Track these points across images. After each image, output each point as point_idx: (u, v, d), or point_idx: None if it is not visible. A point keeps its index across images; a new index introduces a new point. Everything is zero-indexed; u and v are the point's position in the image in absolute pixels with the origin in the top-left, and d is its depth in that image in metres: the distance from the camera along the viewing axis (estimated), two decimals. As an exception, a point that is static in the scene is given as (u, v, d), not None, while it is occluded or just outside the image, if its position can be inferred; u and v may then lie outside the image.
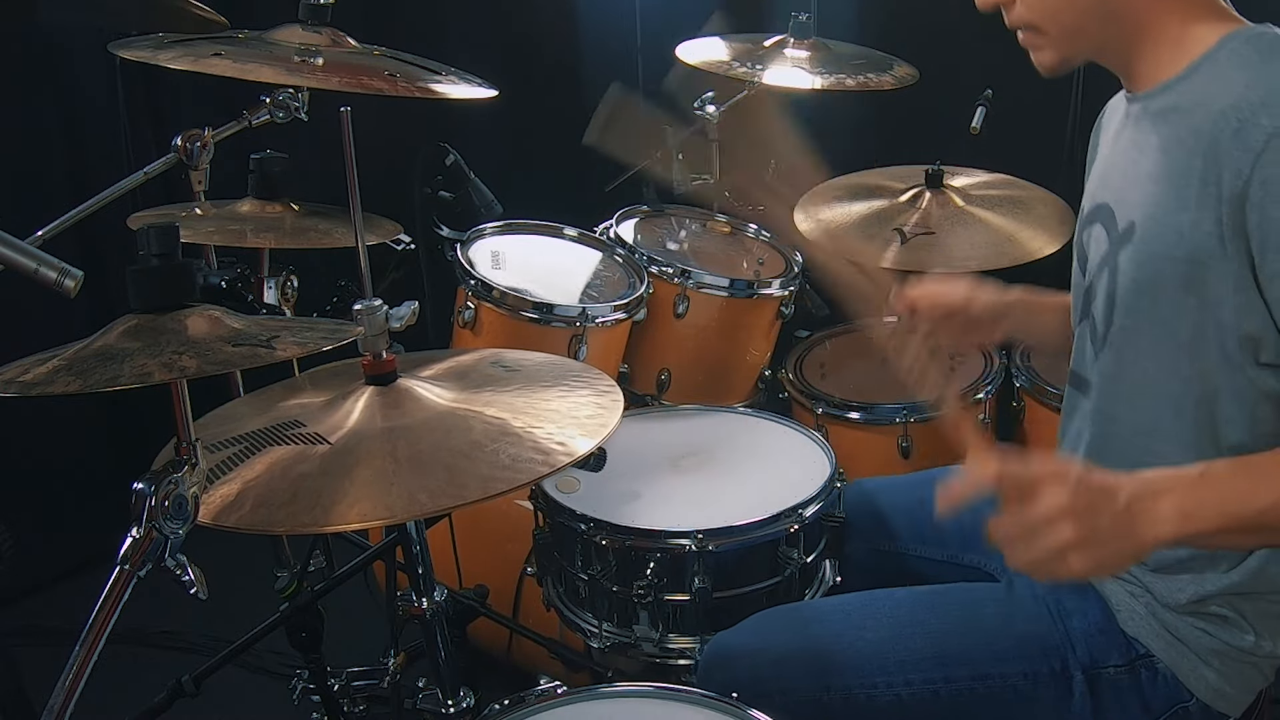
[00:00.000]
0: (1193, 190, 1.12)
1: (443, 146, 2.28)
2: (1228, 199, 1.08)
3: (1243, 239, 1.09)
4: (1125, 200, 1.24)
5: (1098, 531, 1.02)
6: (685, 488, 1.66)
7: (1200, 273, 1.13)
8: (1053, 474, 1.03)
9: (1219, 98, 1.11)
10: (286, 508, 1.04)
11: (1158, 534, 1.04)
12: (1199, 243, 1.12)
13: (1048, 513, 1.01)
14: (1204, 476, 1.06)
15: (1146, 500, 1.04)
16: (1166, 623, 1.26)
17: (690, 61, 2.46)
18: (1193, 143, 1.13)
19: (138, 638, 2.36)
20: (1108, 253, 1.26)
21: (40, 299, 1.12)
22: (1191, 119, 1.14)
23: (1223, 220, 1.09)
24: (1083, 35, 1.22)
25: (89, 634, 0.91)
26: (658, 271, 2.27)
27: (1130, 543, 1.04)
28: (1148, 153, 1.21)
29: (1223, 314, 1.13)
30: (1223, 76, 1.14)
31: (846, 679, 1.30)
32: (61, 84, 2.62)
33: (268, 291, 1.89)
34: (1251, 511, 1.05)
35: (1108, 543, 1.02)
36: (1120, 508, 1.03)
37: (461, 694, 1.43)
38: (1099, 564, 1.03)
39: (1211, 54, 1.16)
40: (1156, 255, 1.17)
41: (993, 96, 2.40)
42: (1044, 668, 1.29)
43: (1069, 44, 1.23)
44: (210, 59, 1.41)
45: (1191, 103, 1.16)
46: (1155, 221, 1.17)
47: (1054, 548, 1.02)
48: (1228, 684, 1.25)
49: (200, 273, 1.62)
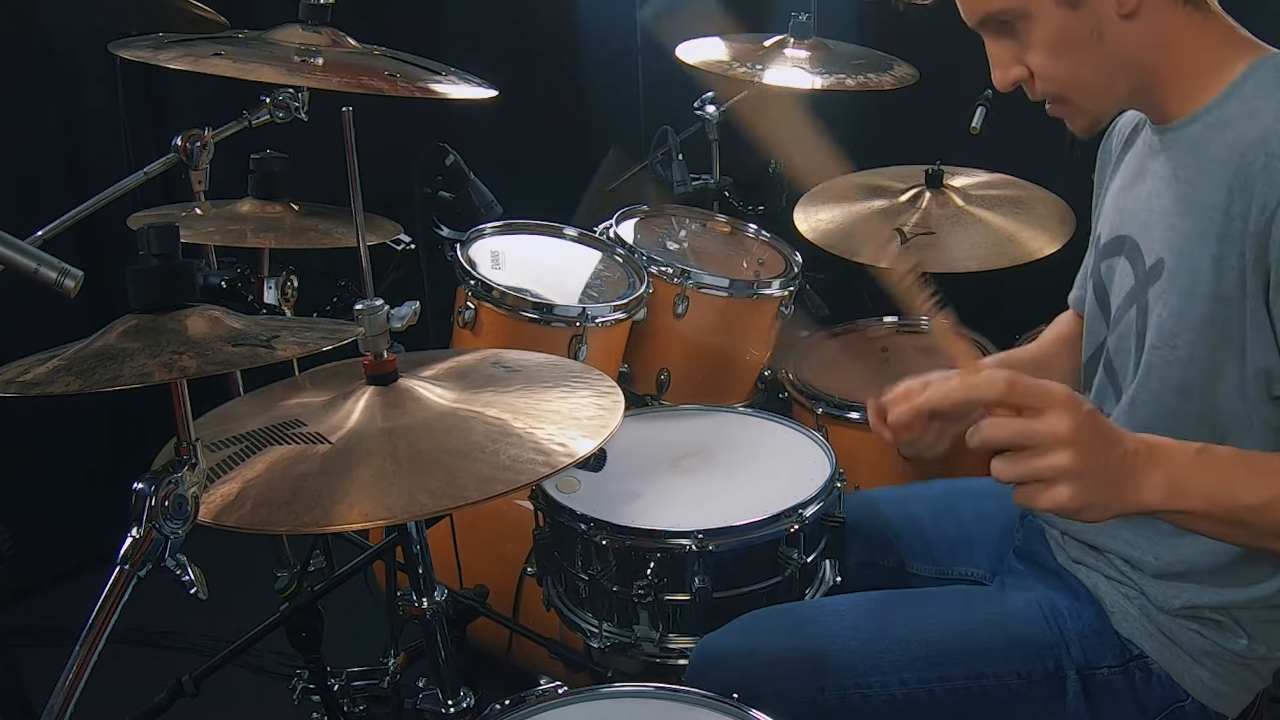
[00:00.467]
0: (1217, 224, 1.11)
1: (443, 146, 2.28)
2: (1253, 233, 1.08)
3: (1261, 273, 1.08)
4: (1152, 235, 1.22)
5: (1092, 471, 0.98)
6: (685, 488, 1.66)
7: (1224, 310, 1.12)
8: (1065, 400, 0.99)
9: (1247, 130, 1.10)
10: (287, 507, 1.04)
11: (1142, 499, 1.02)
12: (1224, 279, 1.11)
13: (1052, 434, 0.98)
14: (1201, 455, 1.05)
15: (1143, 461, 1.02)
16: (1159, 624, 1.26)
17: (690, 61, 2.46)
18: (1220, 176, 1.11)
19: (138, 638, 2.36)
20: (1134, 289, 1.25)
21: (40, 299, 1.12)
22: (1219, 152, 1.13)
23: (1245, 254, 1.09)
24: (1108, 92, 1.20)
25: (89, 634, 0.91)
26: (658, 271, 2.27)
27: (1116, 496, 1.01)
28: (1174, 186, 1.19)
29: (1244, 353, 1.13)
30: (1250, 108, 1.12)
31: (840, 679, 1.30)
32: (61, 84, 2.62)
33: (268, 291, 1.89)
34: (1237, 504, 1.04)
35: (1097, 486, 0.99)
36: (1118, 456, 1.01)
37: (461, 694, 1.43)
38: (1083, 503, 0.99)
39: (1237, 84, 1.15)
40: (1183, 292, 1.15)
41: (993, 96, 2.40)
42: (1038, 667, 1.29)
43: (1096, 104, 1.21)
44: (210, 59, 1.41)
45: (1219, 135, 1.14)
46: (1182, 257, 1.16)
47: (1045, 470, 0.98)
48: (1222, 683, 1.25)
49: (200, 273, 1.62)
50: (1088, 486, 0.99)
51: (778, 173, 2.70)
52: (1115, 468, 1.00)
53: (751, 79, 2.47)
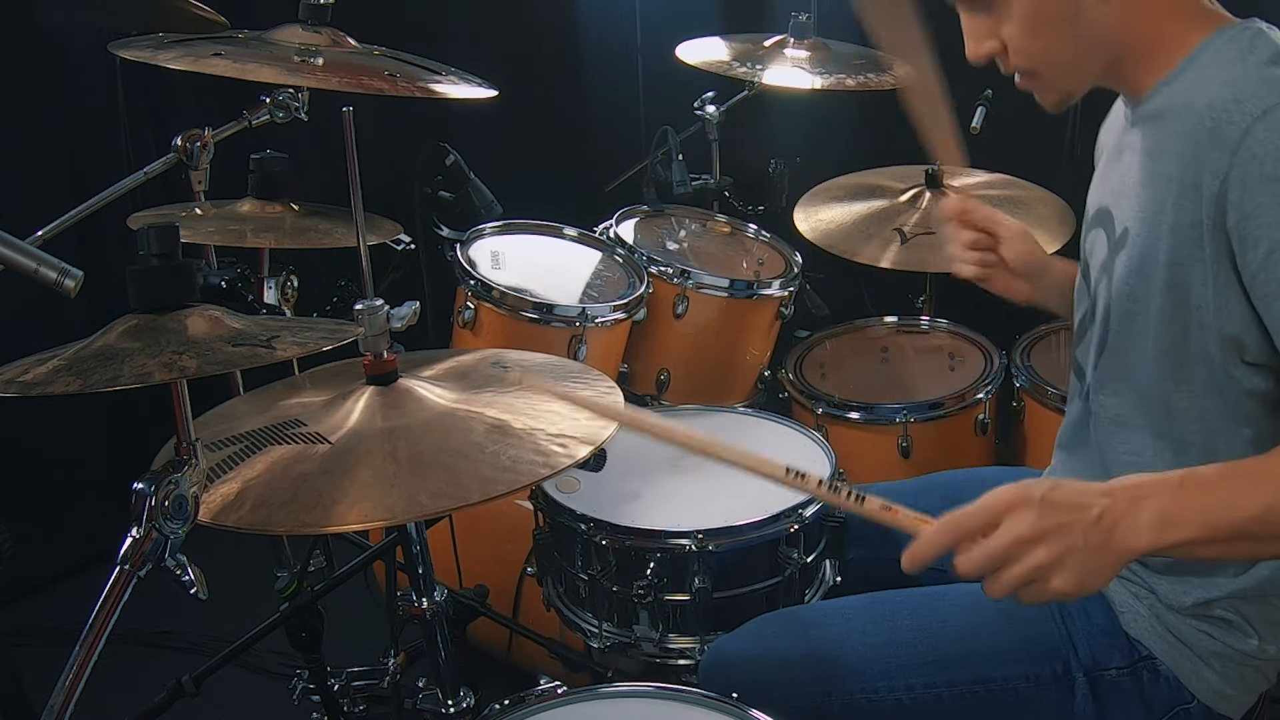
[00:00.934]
0: (1171, 193, 1.12)
1: (443, 146, 2.28)
2: (1208, 199, 1.08)
3: (1223, 238, 1.08)
4: (1120, 206, 1.24)
5: (1072, 549, 0.98)
6: (685, 488, 1.66)
7: (1182, 276, 1.13)
8: (1013, 499, 0.99)
9: (1197, 98, 1.11)
10: (286, 507, 1.04)
11: (1134, 542, 1.00)
12: (1179, 246, 1.12)
13: (1013, 540, 0.98)
14: (1185, 483, 1.03)
15: (1123, 508, 1.00)
16: (1169, 624, 1.26)
17: (690, 61, 2.46)
18: (1173, 145, 1.13)
19: (138, 638, 2.36)
20: (1106, 258, 1.26)
21: (40, 299, 1.12)
22: (1173, 122, 1.14)
23: (1203, 221, 1.09)
24: (1080, 70, 1.21)
25: (89, 634, 0.91)
26: (657, 271, 2.27)
27: (1108, 556, 1.00)
28: (1136, 157, 1.22)
29: (1204, 316, 1.13)
30: (1202, 77, 1.13)
31: (848, 684, 1.30)
32: (61, 84, 2.62)
33: (268, 291, 1.89)
34: (1235, 520, 1.01)
35: (1085, 559, 0.98)
36: (1092, 520, 0.99)
37: (461, 694, 1.43)
38: (1080, 581, 0.99)
39: (1193, 56, 1.16)
40: (1144, 260, 1.17)
41: (993, 96, 2.40)
42: (1046, 670, 1.29)
43: (1067, 79, 1.23)
44: (210, 59, 1.41)
45: (1173, 105, 1.16)
46: (1143, 226, 1.17)
47: (1028, 573, 0.98)
48: (1229, 686, 1.25)
49: (200, 273, 1.62)
50: (1076, 564, 0.98)
51: (778, 173, 2.70)
52: (1094, 533, 0.99)
53: (751, 79, 2.47)
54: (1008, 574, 0.99)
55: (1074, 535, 0.98)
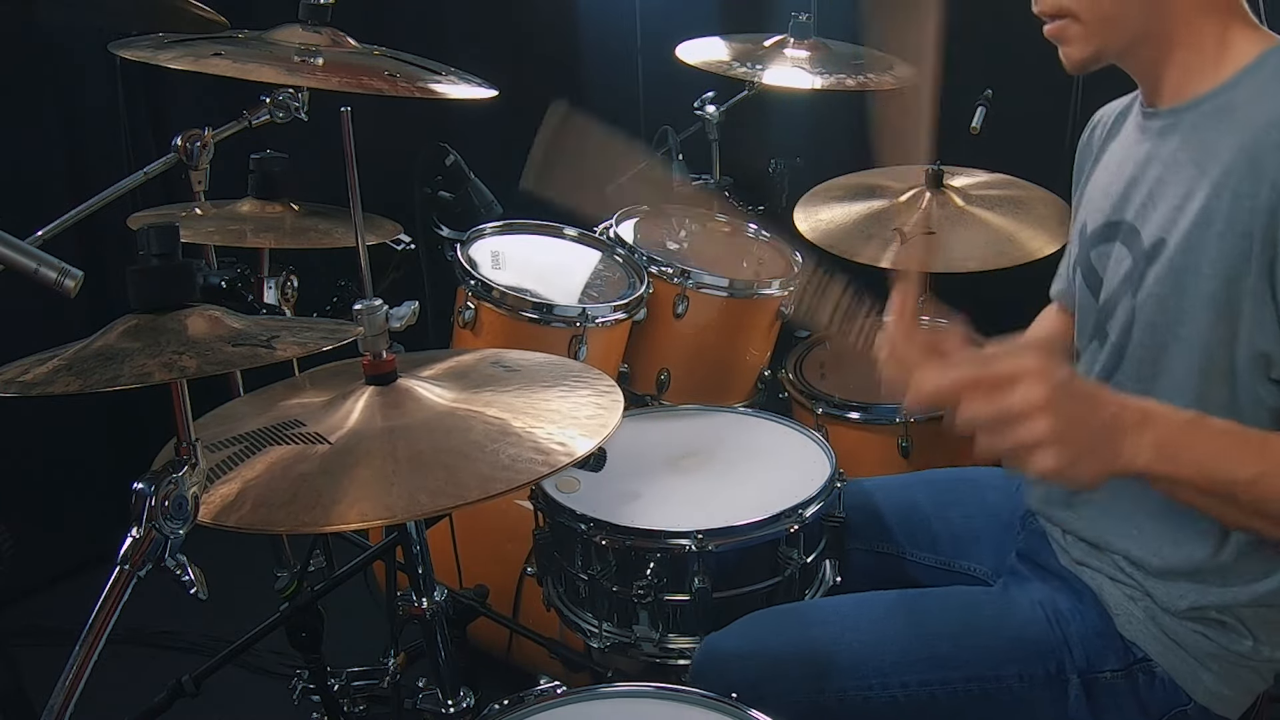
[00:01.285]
0: (1224, 203, 1.11)
1: (443, 146, 2.28)
2: (1261, 210, 1.08)
3: (1269, 251, 1.08)
4: (1151, 217, 1.22)
5: (1073, 434, 0.98)
6: (685, 488, 1.65)
7: (1227, 290, 1.12)
8: (1033, 369, 0.99)
9: (1261, 113, 1.10)
10: (286, 507, 1.04)
11: (1131, 461, 1.02)
12: (1226, 257, 1.11)
13: (1025, 405, 0.98)
14: (1194, 424, 1.05)
15: (1131, 423, 1.02)
16: (1165, 627, 1.26)
17: (690, 61, 2.46)
18: (1229, 156, 1.11)
19: (138, 638, 2.36)
20: (1131, 271, 1.24)
21: (40, 299, 1.12)
22: (1232, 133, 1.13)
23: (1253, 233, 1.09)
24: (1119, 27, 1.18)
25: (89, 634, 0.91)
26: (658, 271, 2.27)
27: (1103, 458, 1.01)
28: (1176, 167, 1.19)
29: (1239, 330, 1.13)
30: (1261, 91, 1.12)
31: (842, 681, 1.30)
32: (61, 84, 2.62)
33: (268, 291, 1.89)
34: (1226, 478, 1.04)
35: (1082, 449, 0.99)
36: (1102, 419, 1.01)
37: (461, 694, 1.43)
38: (1070, 467, 0.99)
39: (1252, 69, 1.14)
40: (1187, 272, 1.15)
41: (993, 96, 2.40)
42: (1039, 670, 1.29)
43: (1103, 36, 1.19)
44: (210, 59, 1.41)
45: (1228, 118, 1.14)
46: (1184, 237, 1.15)
47: (1026, 440, 0.98)
48: (1226, 687, 1.25)
49: (200, 273, 1.62)
50: (1071, 449, 0.99)
51: (778, 173, 2.70)
52: (1098, 429, 1.01)
53: (751, 79, 2.47)
54: (1007, 433, 0.99)
55: (1080, 424, 0.99)
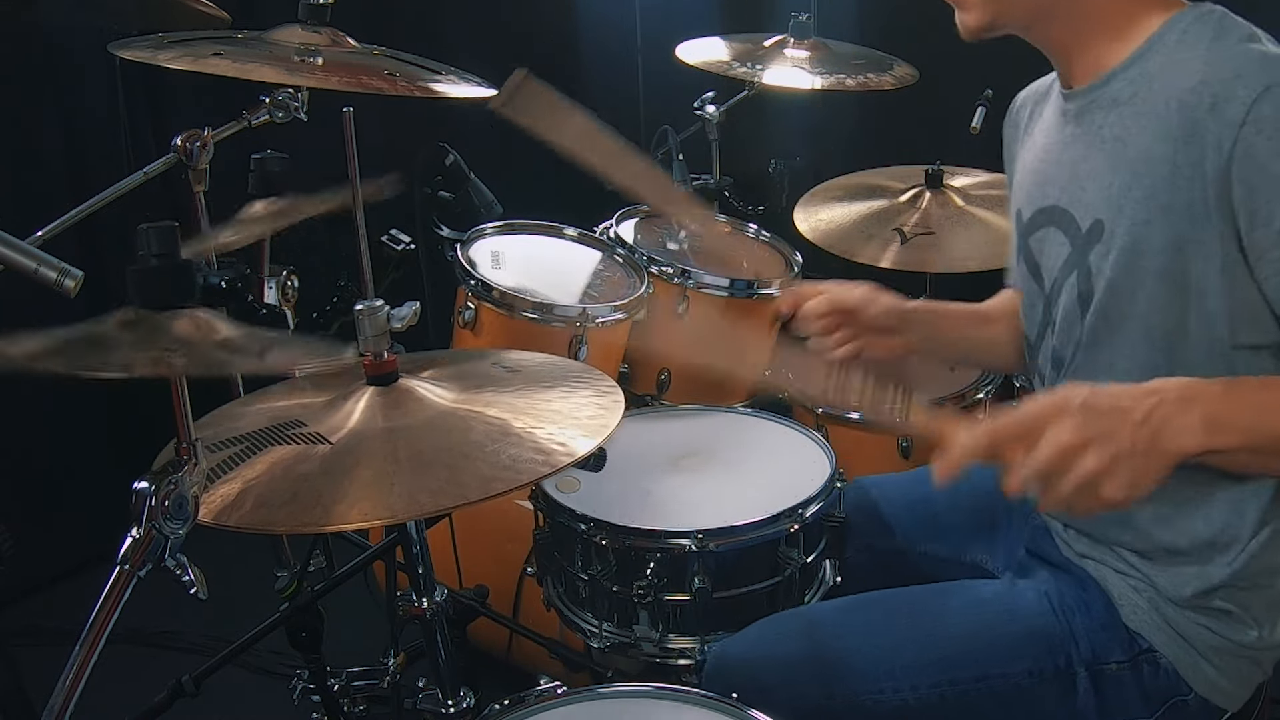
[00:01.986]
0: (1162, 176, 1.10)
1: (443, 146, 2.28)
2: (1212, 177, 1.06)
3: (1228, 215, 1.07)
4: (1082, 200, 1.21)
5: (1120, 453, 0.96)
6: (685, 488, 1.65)
7: (1179, 261, 1.11)
8: (1052, 410, 0.97)
9: (1182, 78, 1.09)
10: (287, 507, 1.04)
11: (1183, 444, 0.98)
12: (1176, 227, 1.10)
13: (1059, 450, 0.96)
14: (1230, 389, 1.02)
15: (1168, 409, 0.98)
16: (1169, 617, 1.26)
17: (690, 61, 2.46)
18: (1157, 128, 1.11)
19: (138, 638, 2.36)
20: (1071, 255, 1.24)
21: (40, 299, 1.12)
22: (1151, 104, 1.12)
23: (1208, 200, 1.07)
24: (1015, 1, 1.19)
25: (89, 634, 0.91)
26: (658, 271, 2.27)
27: (1156, 458, 0.98)
28: (1102, 146, 1.19)
29: (1206, 300, 1.11)
30: (1178, 58, 1.12)
31: (852, 686, 1.30)
32: (61, 84, 2.62)
33: (268, 291, 1.89)
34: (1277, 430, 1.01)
35: (1134, 462, 0.96)
36: (1138, 422, 0.97)
37: (461, 694, 1.43)
38: (1132, 485, 0.96)
39: (1158, 37, 1.14)
40: (1129, 249, 1.15)
41: (993, 96, 2.40)
42: (1048, 665, 1.29)
43: (998, 5, 1.20)
44: (210, 59, 1.41)
45: (1147, 88, 1.14)
46: (1124, 215, 1.15)
47: (1080, 483, 0.96)
48: (1225, 679, 1.26)
49: (200, 273, 1.62)
50: (1126, 468, 0.96)
51: (778, 173, 2.70)
52: (1140, 434, 0.97)
53: (751, 79, 2.47)
54: (1059, 486, 0.97)
55: (1121, 439, 0.96)
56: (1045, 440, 0.97)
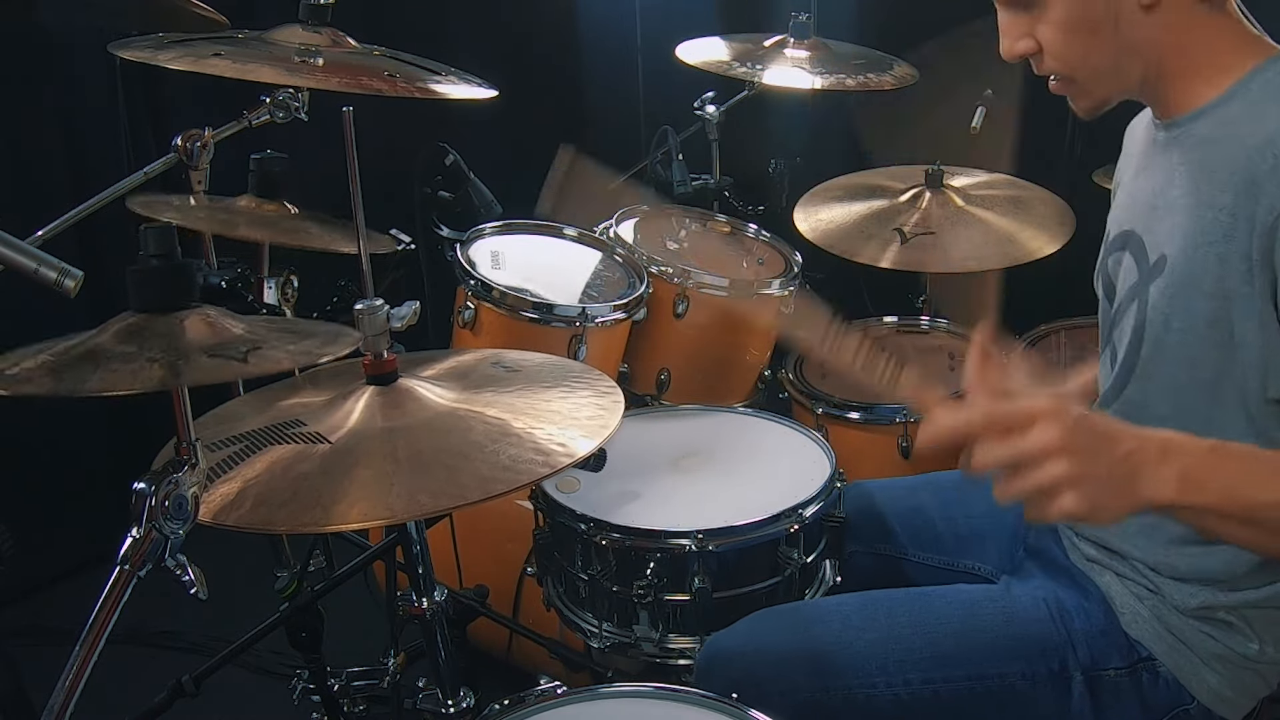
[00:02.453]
0: (1223, 224, 1.11)
1: (443, 146, 2.28)
2: (1259, 233, 1.07)
3: (1270, 274, 1.08)
4: (1155, 231, 1.22)
5: (1093, 474, 0.97)
6: (685, 488, 1.65)
7: (1227, 310, 1.12)
8: (1048, 410, 0.98)
9: (1254, 132, 1.10)
10: (286, 507, 1.04)
11: (1155, 494, 0.99)
12: (1226, 278, 1.11)
13: (1041, 447, 0.96)
14: (1216, 451, 1.03)
15: (1151, 456, 0.99)
16: (1170, 625, 1.26)
17: (690, 61, 2.46)
18: (1224, 177, 1.11)
19: (138, 638, 2.36)
20: (1137, 284, 1.24)
21: (40, 299, 1.12)
22: (1223, 152, 1.13)
23: (1252, 255, 1.08)
24: (1115, 79, 1.20)
25: (89, 634, 0.91)
26: (658, 271, 2.27)
27: (1125, 496, 0.99)
28: (1176, 183, 1.19)
29: (1245, 352, 1.12)
30: (1256, 108, 1.12)
31: (846, 679, 1.30)
32: (61, 84, 2.62)
33: (267, 292, 1.89)
34: (1254, 501, 1.01)
35: (1102, 489, 0.97)
36: (1120, 455, 0.98)
37: (461, 694, 1.43)
38: (1092, 507, 0.97)
39: (1243, 84, 1.15)
40: (1186, 290, 1.15)
41: (993, 96, 2.40)
42: (1043, 668, 1.29)
43: (1102, 88, 1.22)
44: (210, 59, 1.41)
45: (1223, 135, 1.14)
46: (1185, 256, 1.15)
47: (1045, 483, 0.96)
48: (1229, 688, 1.25)
49: (200, 273, 1.62)
50: (1092, 490, 0.97)
51: (778, 173, 2.70)
52: (1119, 467, 0.98)
53: (751, 79, 2.47)
54: (1025, 478, 0.97)
55: (1098, 462, 0.97)
56: (1034, 432, 0.97)
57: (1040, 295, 2.32)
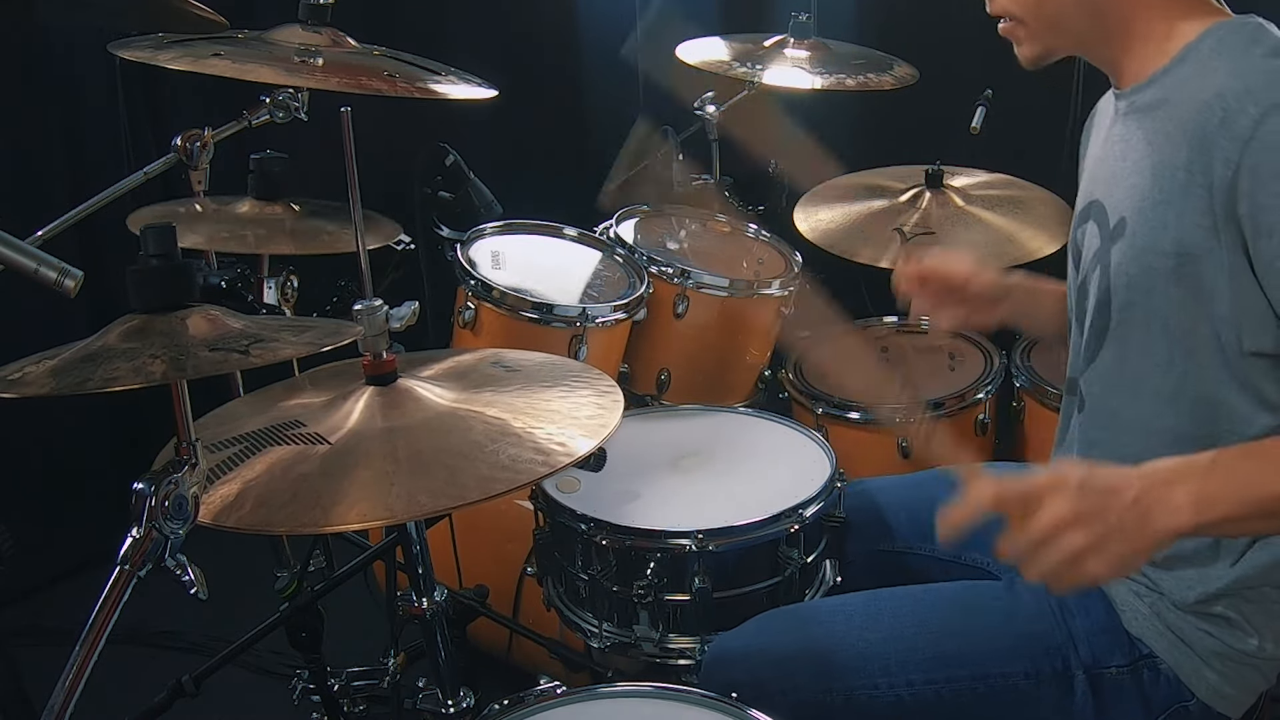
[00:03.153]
0: (1179, 182, 1.12)
1: (443, 146, 2.28)
2: (1219, 188, 1.08)
3: (1235, 228, 1.09)
4: (1114, 196, 1.24)
5: (1109, 532, 0.99)
6: (685, 488, 1.66)
7: (1191, 266, 1.13)
8: (1052, 483, 1.01)
9: (1203, 89, 1.11)
10: (286, 508, 1.04)
11: (1173, 524, 1.01)
12: (1187, 235, 1.12)
13: (1053, 523, 0.99)
14: (1215, 464, 1.04)
15: (1158, 491, 1.01)
16: (1170, 623, 1.26)
17: (690, 61, 2.46)
18: (1178, 135, 1.13)
19: (138, 638, 2.36)
20: (1100, 249, 1.26)
21: (40, 299, 1.12)
22: (1176, 111, 1.15)
23: (1214, 210, 1.09)
24: (1063, 28, 1.24)
25: (89, 634, 0.91)
26: (658, 271, 2.27)
27: (1145, 538, 1.01)
28: (1134, 147, 1.22)
29: (1217, 306, 1.13)
30: (1206, 67, 1.14)
31: (848, 680, 1.30)
32: (61, 84, 2.62)
33: (267, 292, 1.89)
34: (1267, 495, 1.02)
35: (1122, 541, 1.00)
36: (1129, 503, 1.00)
37: (461, 694, 1.43)
38: (1118, 564, 1.00)
39: (1194, 46, 1.17)
40: (1147, 249, 1.17)
41: (993, 96, 2.40)
42: (1045, 667, 1.29)
43: (1049, 36, 1.25)
44: (210, 59, 1.41)
45: (1175, 95, 1.16)
46: (1143, 215, 1.17)
47: (1067, 557, 0.99)
48: (1229, 685, 1.25)
49: (200, 273, 1.62)
50: (1113, 548, 0.99)
51: (778, 173, 2.70)
52: (1131, 515, 1.00)
53: (751, 79, 2.47)
54: (1046, 557, 1.00)
55: (1109, 518, 0.99)
56: (1043, 511, 1.00)
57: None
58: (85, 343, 0.96)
